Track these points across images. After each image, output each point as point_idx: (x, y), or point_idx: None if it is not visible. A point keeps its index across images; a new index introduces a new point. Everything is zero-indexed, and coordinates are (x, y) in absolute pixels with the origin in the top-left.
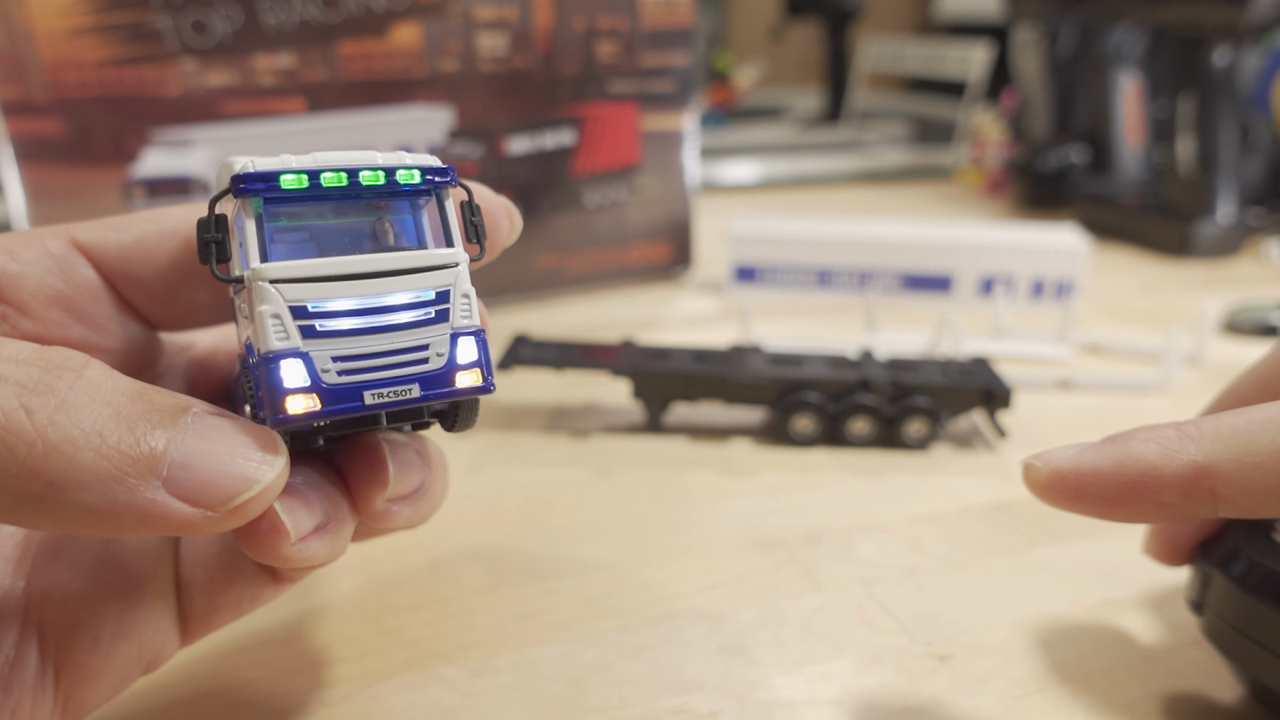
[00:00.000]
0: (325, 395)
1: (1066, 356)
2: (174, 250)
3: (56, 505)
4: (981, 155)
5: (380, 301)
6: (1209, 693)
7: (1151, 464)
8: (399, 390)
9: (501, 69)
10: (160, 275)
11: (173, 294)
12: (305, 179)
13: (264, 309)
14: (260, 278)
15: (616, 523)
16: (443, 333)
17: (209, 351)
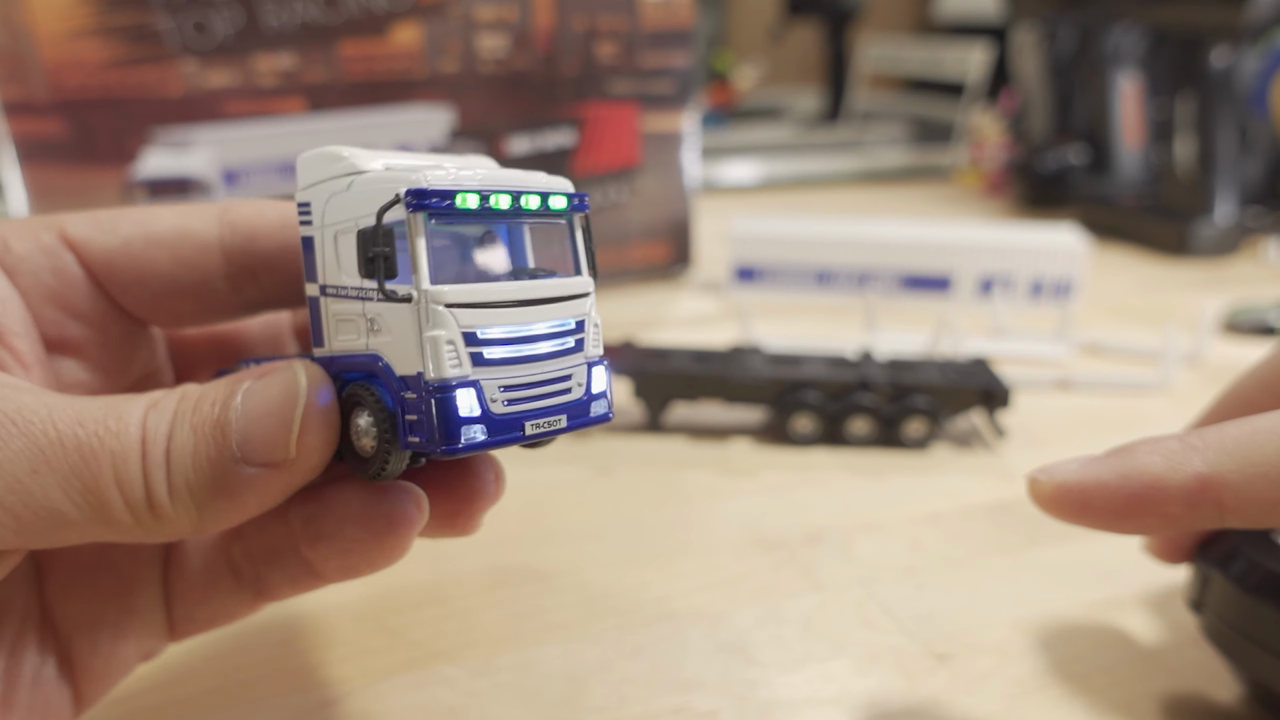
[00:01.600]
0: (492, 425)
1: (1065, 357)
2: (159, 260)
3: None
4: (981, 156)
5: (529, 330)
6: (1208, 692)
7: (1157, 476)
8: (551, 420)
9: (502, 70)
10: (142, 283)
11: (156, 301)
12: (479, 200)
13: (439, 334)
14: (437, 301)
15: (616, 523)
16: (580, 362)
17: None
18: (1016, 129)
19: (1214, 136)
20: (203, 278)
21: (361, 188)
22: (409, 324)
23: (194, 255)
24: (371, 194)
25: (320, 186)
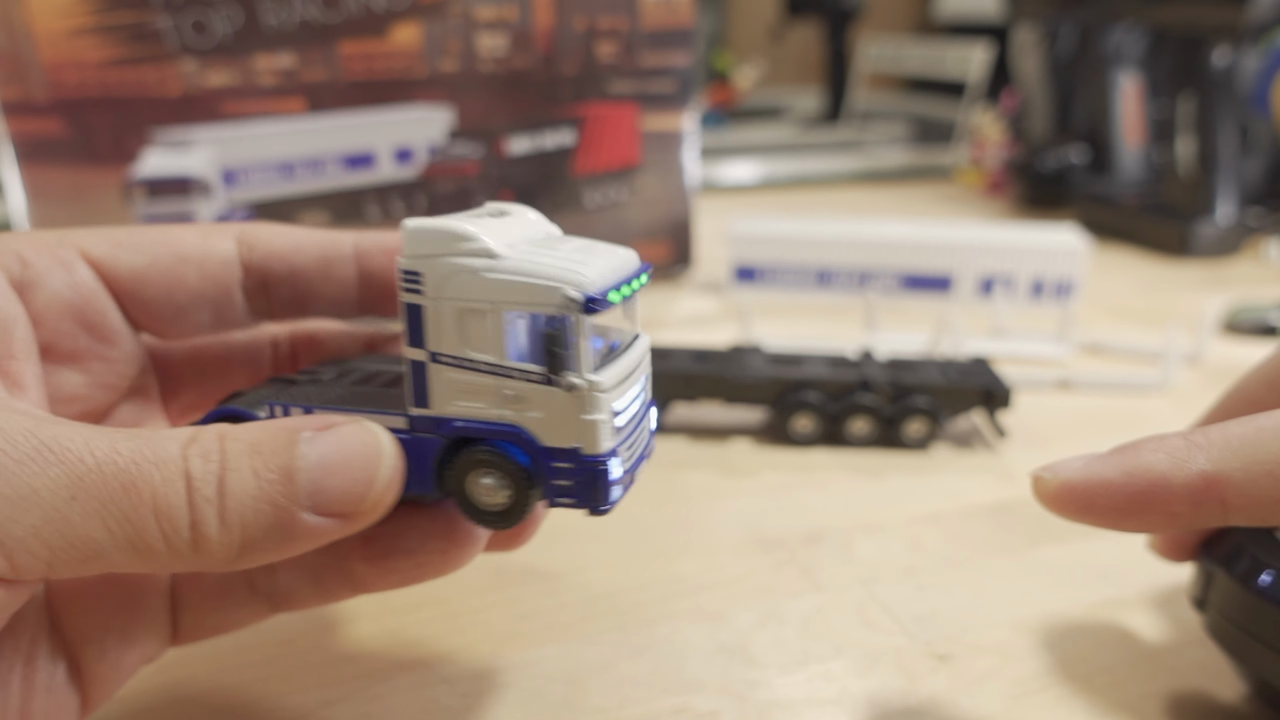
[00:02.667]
0: (625, 482)
1: (1066, 356)
2: (188, 276)
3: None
4: (981, 155)
5: (633, 394)
6: (1211, 691)
7: (1161, 474)
8: (641, 464)
9: (502, 69)
10: (170, 298)
11: (180, 315)
12: (618, 296)
13: (600, 418)
14: (600, 390)
15: (616, 522)
16: (648, 408)
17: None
18: (1017, 129)
19: (1215, 136)
20: (225, 292)
21: (508, 278)
22: (567, 407)
23: (219, 271)
24: (526, 289)
25: (437, 261)
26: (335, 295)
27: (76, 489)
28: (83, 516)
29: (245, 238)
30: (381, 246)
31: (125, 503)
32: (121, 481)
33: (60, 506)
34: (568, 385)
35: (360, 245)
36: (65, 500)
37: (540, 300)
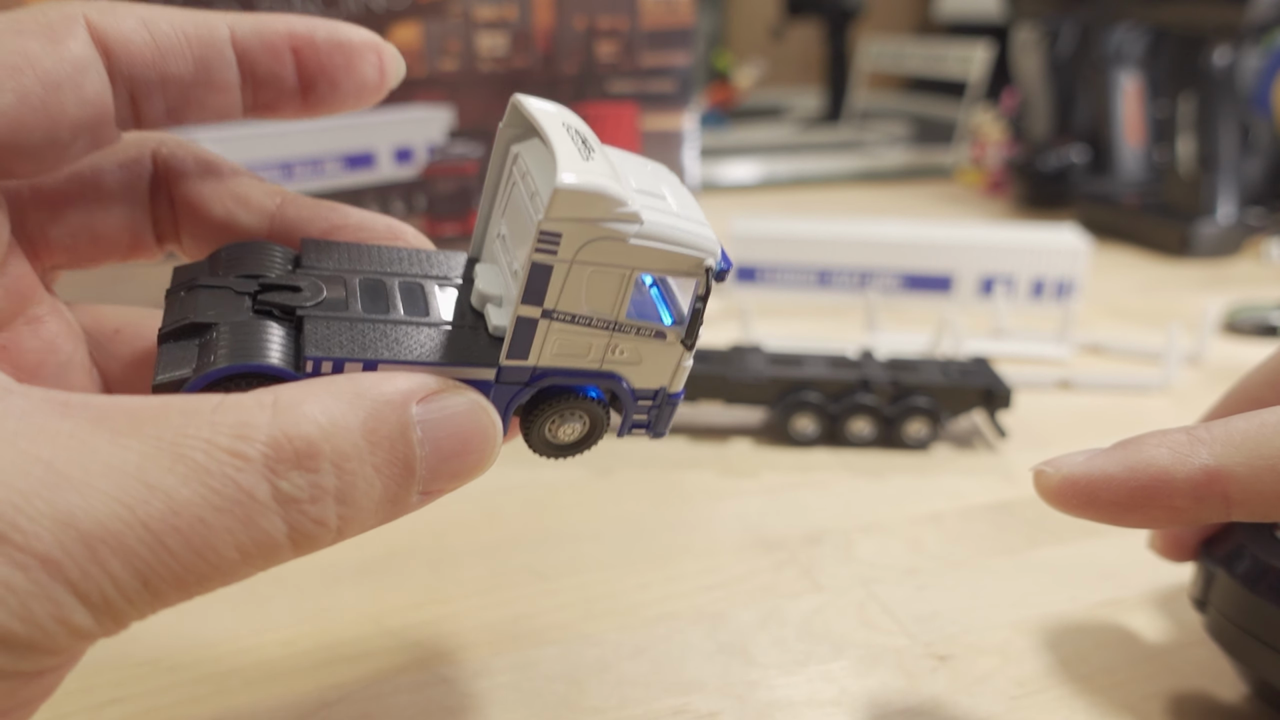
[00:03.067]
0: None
1: (1067, 356)
2: (66, 107)
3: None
4: (981, 155)
5: None
6: (1212, 691)
7: (1163, 469)
8: None
9: (502, 69)
10: (52, 138)
11: (60, 152)
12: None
13: (690, 364)
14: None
15: (616, 523)
16: None
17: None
18: (1017, 128)
19: (1215, 136)
20: (103, 114)
21: (654, 246)
22: (668, 356)
23: (96, 93)
24: (669, 257)
25: (584, 225)
26: (217, 104)
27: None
28: (224, 531)
29: (103, 42)
30: (265, 43)
31: (206, 564)
32: (196, 545)
33: (206, 517)
34: (690, 343)
35: (241, 44)
36: (212, 511)
37: (681, 268)
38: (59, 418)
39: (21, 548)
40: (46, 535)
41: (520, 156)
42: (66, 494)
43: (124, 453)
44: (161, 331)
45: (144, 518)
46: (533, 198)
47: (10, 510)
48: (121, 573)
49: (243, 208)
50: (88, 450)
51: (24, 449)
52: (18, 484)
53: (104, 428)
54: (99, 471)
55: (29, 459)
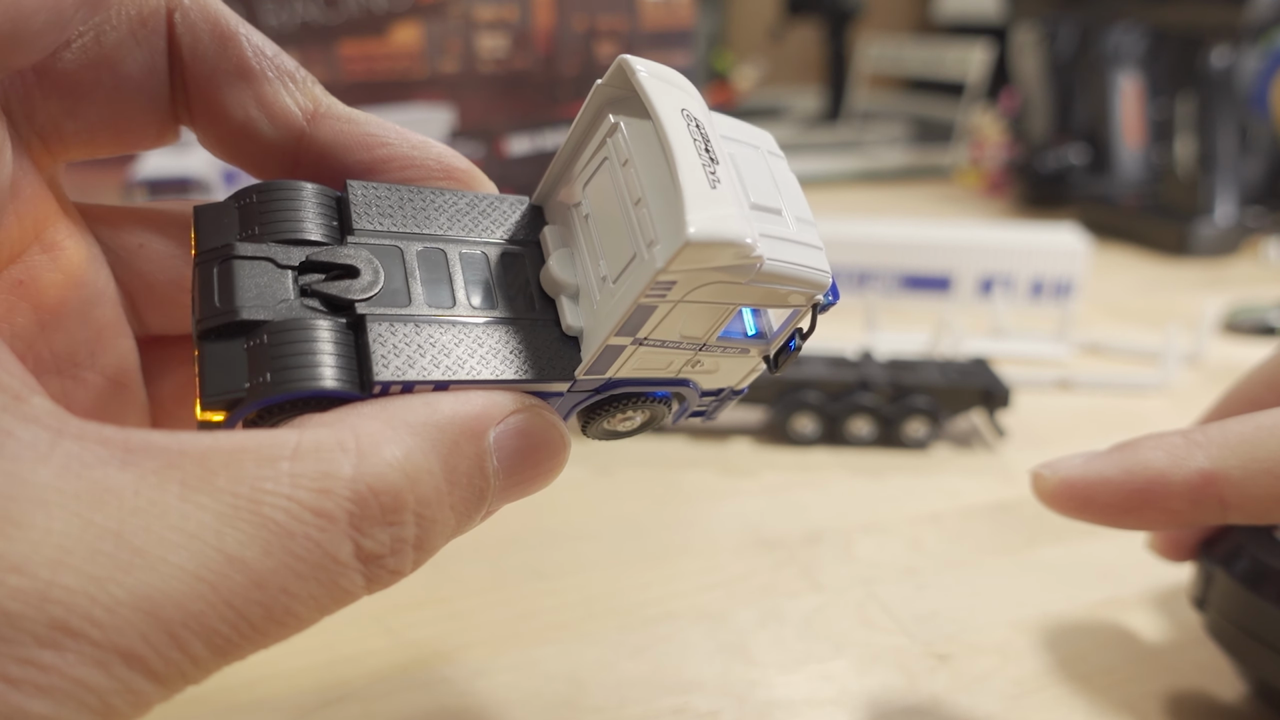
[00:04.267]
0: None
1: (1065, 357)
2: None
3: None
4: (981, 155)
5: None
6: (1211, 690)
7: (1160, 471)
8: None
9: (502, 70)
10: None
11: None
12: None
13: (763, 368)
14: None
15: (616, 522)
16: None
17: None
18: (1017, 129)
19: (1214, 136)
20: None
21: (767, 287)
22: (745, 366)
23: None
24: (780, 296)
25: (703, 271)
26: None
27: (295, 565)
28: (302, 590)
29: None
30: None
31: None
32: (278, 615)
33: (289, 585)
34: (776, 370)
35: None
36: (293, 579)
37: (790, 303)
38: (119, 467)
39: (100, 644)
40: (127, 627)
41: (621, 131)
42: (142, 574)
43: (199, 513)
44: (201, 326)
45: (226, 596)
46: (641, 206)
47: (85, 601)
48: (203, 652)
49: (267, 117)
50: (157, 513)
51: (89, 518)
52: (89, 567)
53: (172, 480)
54: (174, 542)
55: (96, 532)
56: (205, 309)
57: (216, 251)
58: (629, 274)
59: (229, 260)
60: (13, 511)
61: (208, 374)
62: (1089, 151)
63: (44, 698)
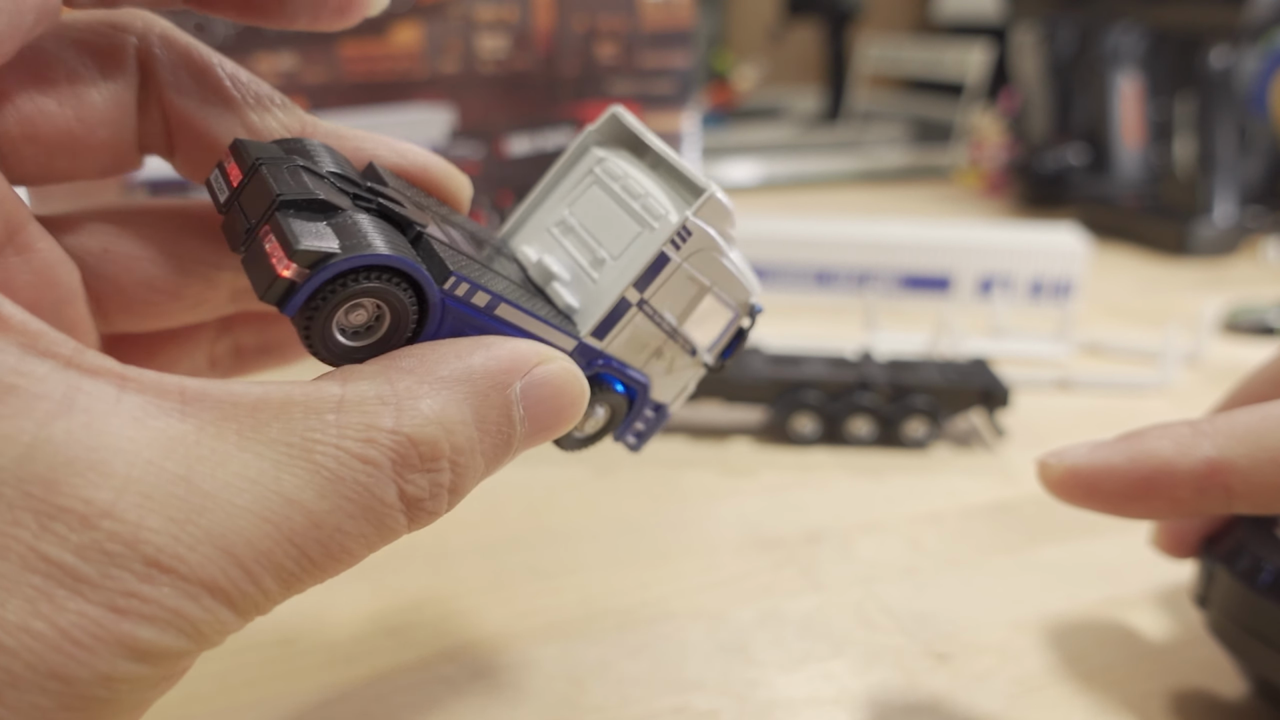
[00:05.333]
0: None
1: (1065, 357)
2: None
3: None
4: (980, 156)
5: None
6: (1212, 689)
7: (1166, 460)
8: None
9: (502, 70)
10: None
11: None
12: None
13: (693, 387)
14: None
15: (616, 522)
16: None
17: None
18: (1016, 129)
19: (1213, 137)
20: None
21: (734, 271)
22: (687, 376)
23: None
24: (739, 286)
25: (708, 234)
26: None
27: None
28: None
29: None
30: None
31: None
32: (334, 551)
33: (344, 525)
34: (717, 367)
35: None
36: (347, 518)
37: (737, 298)
38: (179, 417)
39: (188, 578)
40: (209, 563)
41: (607, 162)
42: (215, 516)
43: (257, 460)
44: (281, 197)
45: (289, 534)
46: (644, 198)
47: (170, 541)
48: (273, 585)
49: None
50: (219, 460)
51: (161, 465)
52: (168, 510)
53: (228, 429)
54: (238, 486)
55: (169, 478)
56: (281, 187)
57: (271, 159)
58: (638, 244)
59: (296, 169)
60: (96, 461)
61: (296, 229)
62: (1088, 152)
63: (148, 625)
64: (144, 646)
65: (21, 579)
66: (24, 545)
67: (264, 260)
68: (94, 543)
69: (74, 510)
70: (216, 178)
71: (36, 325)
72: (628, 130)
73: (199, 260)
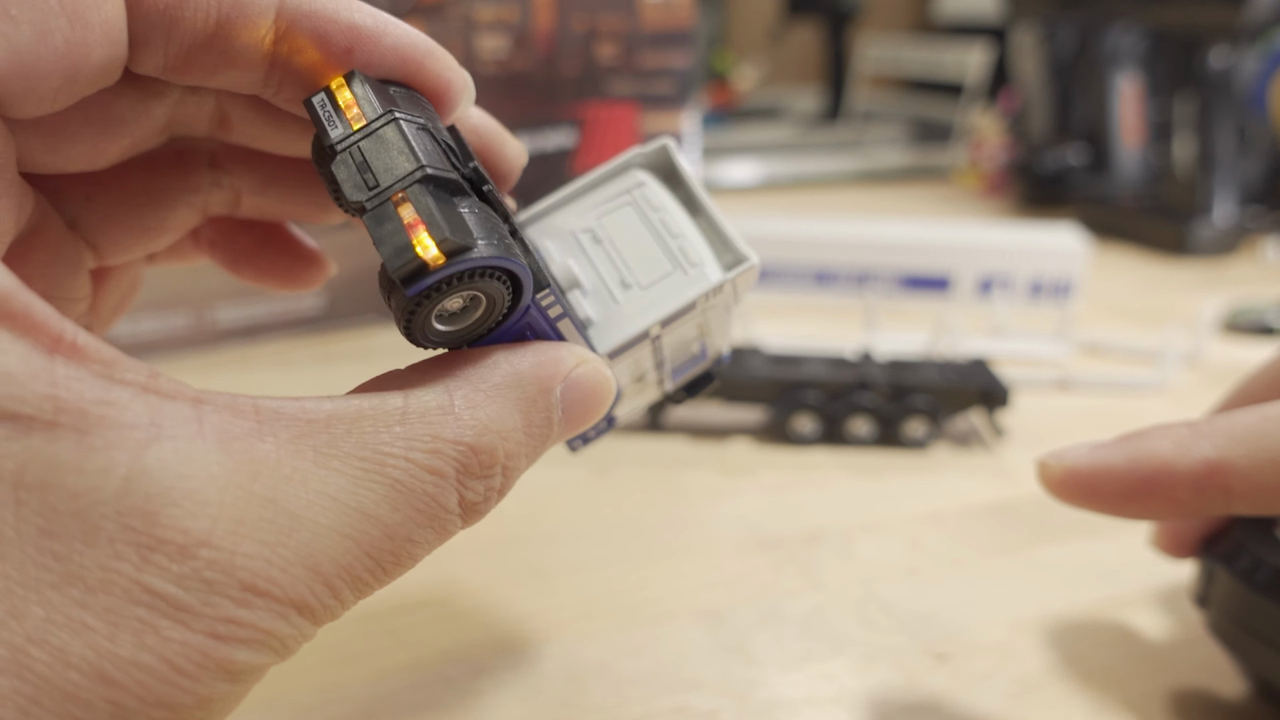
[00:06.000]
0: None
1: (1065, 357)
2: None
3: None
4: (980, 156)
5: None
6: (1212, 689)
7: (1166, 460)
8: None
9: (502, 70)
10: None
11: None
12: None
13: (642, 405)
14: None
15: (616, 522)
16: None
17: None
18: (1016, 129)
19: (1213, 137)
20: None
21: (727, 324)
22: (647, 398)
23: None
24: (722, 338)
25: (729, 290)
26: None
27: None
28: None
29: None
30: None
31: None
32: (404, 560)
33: (414, 535)
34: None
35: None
36: (417, 529)
37: (716, 347)
38: (259, 437)
39: (280, 599)
40: (298, 583)
41: (647, 188)
42: (303, 536)
43: (336, 478)
44: (425, 170)
45: (367, 548)
46: (681, 239)
47: (263, 565)
48: (349, 595)
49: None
50: (299, 479)
51: (249, 489)
52: (260, 534)
53: (305, 446)
54: (320, 505)
55: (258, 501)
56: (425, 157)
57: (406, 116)
58: (668, 282)
59: (423, 129)
60: (190, 489)
61: (443, 212)
62: (1088, 152)
63: (245, 648)
64: (239, 668)
65: (128, 612)
66: (127, 579)
67: (400, 233)
68: (194, 572)
69: (173, 541)
70: (324, 104)
71: (111, 352)
72: (671, 164)
73: (175, 189)
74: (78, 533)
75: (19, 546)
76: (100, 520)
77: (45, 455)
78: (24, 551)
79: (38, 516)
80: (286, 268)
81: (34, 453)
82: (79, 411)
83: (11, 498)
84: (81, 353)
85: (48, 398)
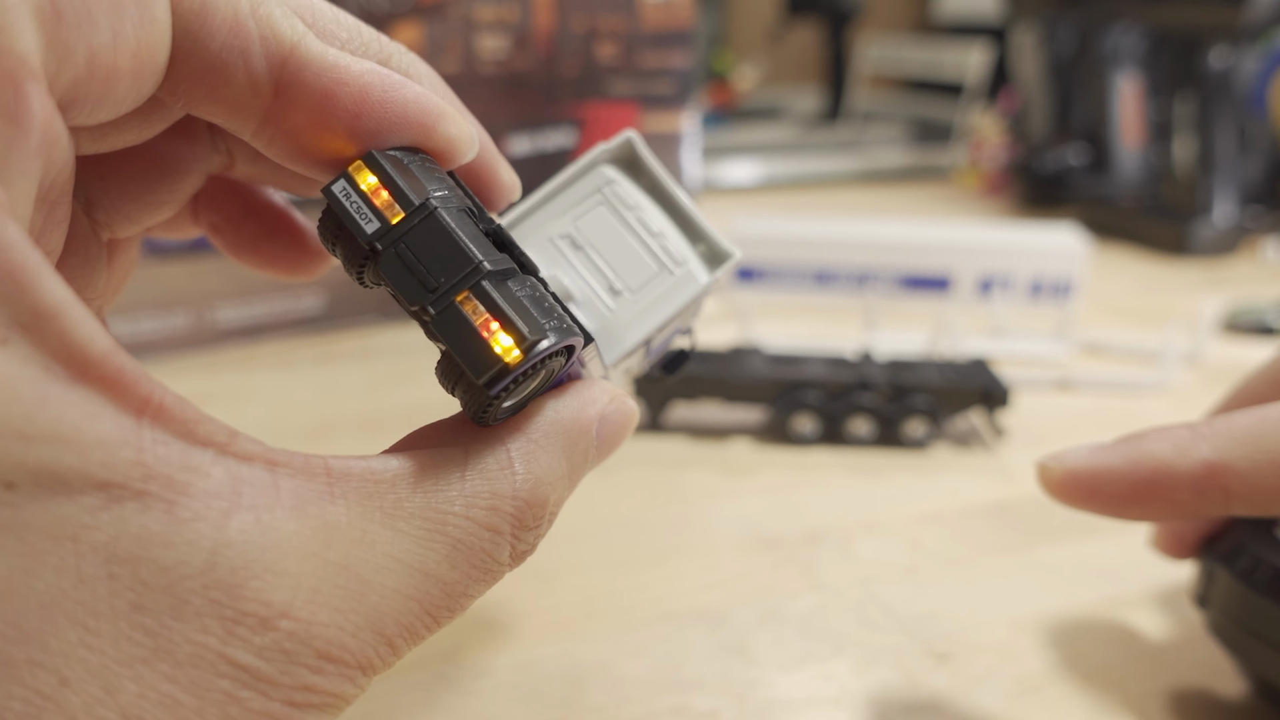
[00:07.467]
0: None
1: (1065, 357)
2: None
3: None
4: (980, 156)
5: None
6: (1212, 689)
7: (1165, 462)
8: None
9: (502, 70)
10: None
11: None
12: None
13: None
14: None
15: (616, 522)
16: None
17: None
18: (1016, 129)
19: (1213, 137)
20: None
21: (701, 306)
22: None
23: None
24: (694, 315)
25: (717, 283)
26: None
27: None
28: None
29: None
30: (360, 84)
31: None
32: (457, 612)
33: (459, 582)
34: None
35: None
36: (463, 579)
37: (688, 323)
38: (330, 500)
39: (350, 664)
40: (366, 646)
41: (617, 185)
42: (372, 600)
43: (401, 540)
44: (485, 265)
45: (428, 606)
46: (661, 238)
47: (337, 632)
48: (405, 649)
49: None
50: (368, 543)
51: (324, 556)
52: (334, 601)
53: (374, 509)
54: (387, 569)
55: (332, 569)
56: (481, 252)
57: (439, 198)
58: (656, 285)
59: (462, 212)
60: (270, 562)
61: (516, 311)
62: (1088, 152)
63: (316, 712)
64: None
65: (213, 685)
66: (214, 652)
67: (474, 336)
68: (274, 643)
69: (256, 614)
70: (347, 193)
71: (191, 411)
72: (637, 158)
73: (184, 158)
74: (167, 607)
75: (113, 621)
76: (188, 595)
77: (135, 527)
78: (117, 626)
79: (129, 591)
80: (289, 255)
81: (125, 524)
82: (165, 479)
83: (105, 571)
84: (167, 415)
85: (136, 464)
